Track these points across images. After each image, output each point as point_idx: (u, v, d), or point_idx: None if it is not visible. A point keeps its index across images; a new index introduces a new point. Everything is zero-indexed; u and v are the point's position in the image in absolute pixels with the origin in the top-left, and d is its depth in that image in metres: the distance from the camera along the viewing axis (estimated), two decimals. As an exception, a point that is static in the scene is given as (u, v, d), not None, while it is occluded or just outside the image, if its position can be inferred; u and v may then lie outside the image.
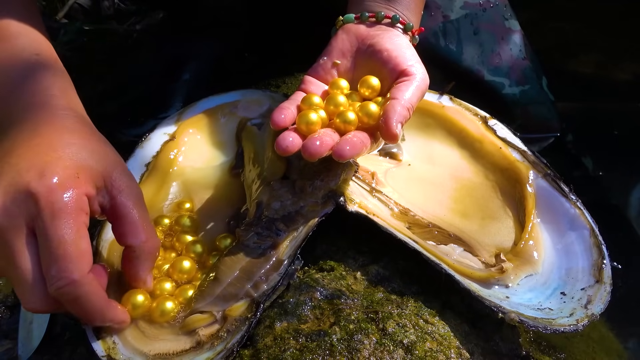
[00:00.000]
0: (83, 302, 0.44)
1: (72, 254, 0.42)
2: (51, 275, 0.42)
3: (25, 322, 0.59)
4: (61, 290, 0.42)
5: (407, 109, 0.53)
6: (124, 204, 0.48)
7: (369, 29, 0.61)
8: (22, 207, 0.43)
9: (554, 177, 0.63)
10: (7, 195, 0.43)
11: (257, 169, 0.62)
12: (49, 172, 0.44)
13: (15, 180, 0.43)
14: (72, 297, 0.43)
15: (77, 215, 0.44)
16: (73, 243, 0.43)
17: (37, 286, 0.43)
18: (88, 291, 0.43)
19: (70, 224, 0.43)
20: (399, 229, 0.57)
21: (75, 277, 0.42)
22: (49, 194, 0.43)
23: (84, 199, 0.45)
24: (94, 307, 0.45)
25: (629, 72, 1.11)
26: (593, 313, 0.52)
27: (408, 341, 0.48)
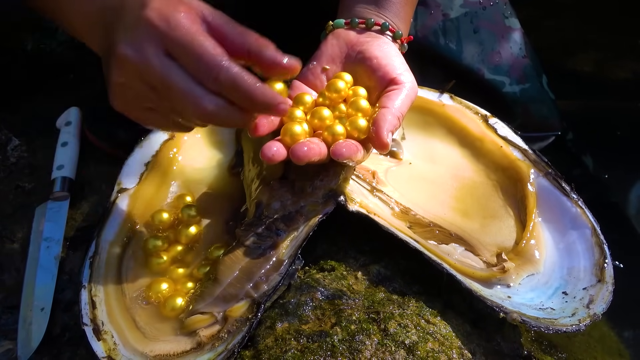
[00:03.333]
0: (241, 82, 0.46)
1: (209, 48, 0.45)
2: (202, 73, 0.45)
3: (25, 322, 0.59)
4: (219, 79, 0.45)
5: (397, 118, 0.54)
6: (221, 24, 0.48)
7: (359, 35, 0.61)
8: (149, 38, 0.46)
9: (555, 176, 0.63)
10: (132, 38, 0.46)
11: (256, 169, 0.62)
12: (153, 2, 0.47)
13: (131, 23, 0.47)
14: (231, 81, 0.45)
15: (193, 23, 0.47)
16: (204, 40, 0.46)
17: (198, 90, 0.46)
18: (240, 71, 0.46)
19: (190, 29, 0.46)
20: (400, 228, 0.56)
21: (224, 63, 0.45)
22: (160, 17, 0.46)
23: (190, 11, 0.47)
24: (251, 84, 0.46)
25: (628, 71, 1.11)
26: (595, 313, 0.52)
27: (410, 342, 0.48)
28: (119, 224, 0.60)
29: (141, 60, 0.46)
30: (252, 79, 0.46)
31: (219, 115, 0.47)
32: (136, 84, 0.47)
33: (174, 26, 0.46)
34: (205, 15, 0.48)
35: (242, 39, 0.48)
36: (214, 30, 0.48)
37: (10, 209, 0.72)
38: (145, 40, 0.46)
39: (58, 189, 0.70)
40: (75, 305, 0.59)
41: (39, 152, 0.78)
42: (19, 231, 0.69)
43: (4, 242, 0.68)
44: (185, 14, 0.47)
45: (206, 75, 0.45)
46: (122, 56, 0.46)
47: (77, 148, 0.75)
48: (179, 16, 0.46)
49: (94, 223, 0.66)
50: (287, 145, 0.52)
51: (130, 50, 0.46)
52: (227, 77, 0.45)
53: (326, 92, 0.57)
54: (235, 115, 0.47)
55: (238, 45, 0.48)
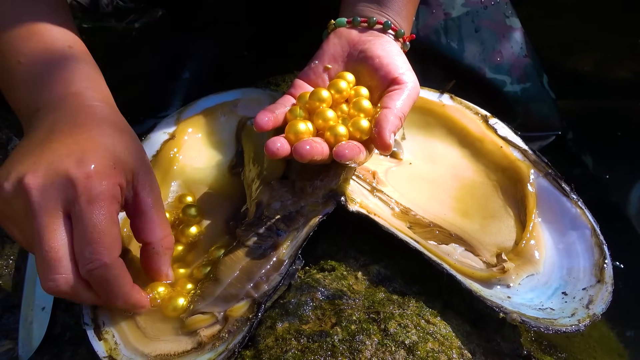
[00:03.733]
0: (111, 284, 0.46)
1: (105, 239, 0.45)
2: (84, 256, 0.44)
3: (25, 322, 0.59)
4: (93, 272, 0.44)
5: (399, 118, 0.54)
6: (146, 201, 0.50)
7: (361, 34, 0.61)
8: (60, 190, 0.45)
9: (554, 176, 0.63)
10: (46, 177, 0.45)
11: (257, 169, 0.62)
12: (87, 160, 0.46)
13: (55, 164, 0.45)
14: (102, 279, 0.45)
15: (111, 203, 0.46)
16: (107, 228, 0.45)
17: (63, 265, 0.44)
18: (117, 275, 0.46)
19: (105, 210, 0.45)
20: (400, 228, 0.57)
21: (107, 261, 0.45)
22: (86, 180, 0.45)
23: (117, 189, 0.47)
24: (121, 290, 0.47)
25: (629, 70, 1.11)
26: (595, 313, 0.52)
27: (410, 342, 0.48)
28: (120, 223, 0.60)
29: (40, 207, 0.44)
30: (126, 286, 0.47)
31: (67, 295, 0.45)
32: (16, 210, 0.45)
33: (94, 199, 0.44)
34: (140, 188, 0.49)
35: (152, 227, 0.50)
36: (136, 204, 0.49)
37: (11, 208, 0.72)
38: (58, 193, 0.44)
39: (59, 189, 0.70)
40: (75, 305, 0.59)
41: (39, 152, 0.78)
42: (19, 230, 0.69)
43: (5, 242, 0.68)
44: (112, 192, 0.46)
45: (83, 262, 0.44)
46: (24, 186, 0.44)
47: (77, 147, 0.75)
48: (106, 193, 0.45)
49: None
50: (291, 142, 0.53)
51: (35, 188, 0.44)
52: (100, 275, 0.45)
53: (329, 91, 0.57)
54: (86, 299, 0.47)
55: (145, 229, 0.50)
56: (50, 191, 0.44)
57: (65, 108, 0.50)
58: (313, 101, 0.56)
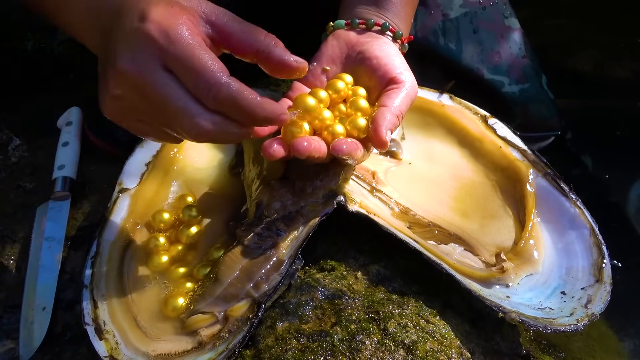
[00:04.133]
0: (241, 99, 0.45)
1: (207, 64, 0.44)
2: (201, 90, 0.44)
3: (26, 322, 0.59)
4: (219, 97, 0.44)
5: (396, 116, 0.54)
6: (224, 23, 0.48)
7: (359, 35, 0.61)
8: (147, 52, 0.45)
9: (554, 176, 0.63)
10: (130, 50, 0.45)
11: (256, 169, 0.62)
12: (149, 14, 0.45)
13: (129, 34, 0.46)
14: (231, 99, 0.45)
15: (193, 35, 0.46)
16: (202, 56, 0.45)
17: (194, 108, 0.45)
18: (240, 88, 0.45)
19: (190, 44, 0.45)
20: (400, 228, 0.57)
21: (224, 80, 0.44)
22: (159, 31, 0.45)
23: (189, 23, 0.46)
24: (252, 100, 0.45)
25: (628, 70, 1.11)
26: (593, 312, 0.53)
27: (409, 341, 0.48)
28: (120, 223, 0.60)
29: (140, 76, 0.45)
30: (252, 95, 0.45)
31: (215, 133, 0.46)
32: (132, 98, 0.47)
33: (174, 40, 0.45)
34: (208, 16, 0.48)
35: (249, 38, 0.48)
36: (218, 30, 0.48)
37: (12, 208, 0.72)
38: (144, 55, 0.45)
39: (59, 189, 0.70)
40: (76, 305, 0.60)
41: (40, 152, 0.78)
42: (20, 231, 0.69)
43: (5, 242, 0.68)
44: (186, 25, 0.46)
45: (205, 93, 0.44)
46: (121, 70, 0.45)
47: (78, 148, 0.75)
48: (179, 29, 0.45)
49: (95, 223, 0.66)
50: (288, 143, 0.52)
51: (129, 65, 0.45)
52: (226, 95, 0.44)
53: (327, 91, 0.57)
54: (232, 132, 0.46)
55: (245, 44, 0.48)
56: (140, 58, 0.45)
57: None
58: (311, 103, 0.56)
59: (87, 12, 0.51)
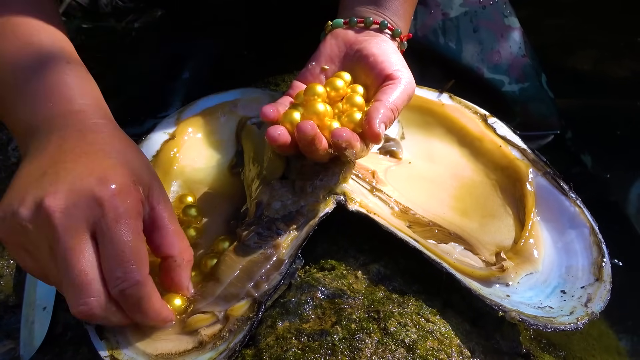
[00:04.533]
0: (144, 301, 0.45)
1: (136, 257, 0.44)
2: (116, 276, 0.43)
3: (27, 321, 0.59)
4: (126, 292, 0.43)
5: (390, 110, 0.54)
6: (162, 215, 0.49)
7: (357, 34, 0.62)
8: (85, 211, 0.43)
9: (553, 175, 0.63)
10: (69, 199, 0.43)
11: (256, 168, 0.62)
12: (109, 178, 0.44)
13: (77, 185, 0.44)
14: (135, 298, 0.44)
15: (137, 220, 0.45)
16: (136, 246, 0.44)
17: (94, 287, 0.43)
18: (149, 291, 0.45)
19: (132, 227, 0.44)
20: (400, 227, 0.57)
21: (140, 279, 0.44)
22: (111, 199, 0.44)
23: (140, 205, 0.46)
24: (152, 307, 0.46)
25: (627, 69, 1.11)
26: (593, 311, 0.53)
27: (409, 340, 0.48)
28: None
29: (64, 231, 0.42)
30: (158, 301, 0.46)
31: (98, 318, 0.44)
32: (36, 237, 0.44)
33: (119, 217, 0.43)
34: (154, 200, 0.48)
35: (173, 240, 0.48)
36: (154, 219, 0.48)
37: (12, 208, 0.72)
38: (81, 215, 0.43)
39: (59, 189, 0.70)
40: (77, 305, 0.60)
41: (40, 152, 0.78)
42: (20, 231, 0.69)
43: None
44: (135, 208, 0.45)
45: (116, 282, 0.43)
46: (46, 209, 0.42)
47: (78, 148, 0.75)
48: (128, 210, 0.44)
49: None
50: (288, 131, 0.53)
51: (59, 213, 0.42)
52: (136, 294, 0.44)
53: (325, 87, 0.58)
54: (114, 320, 0.46)
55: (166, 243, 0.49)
56: (75, 212, 0.43)
57: (70, 126, 0.49)
58: (308, 96, 0.56)
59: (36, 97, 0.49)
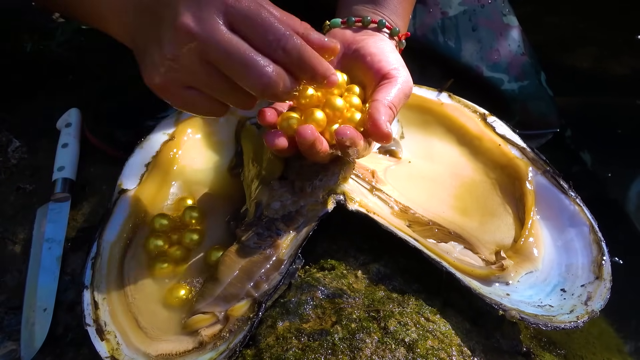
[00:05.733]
0: (304, 51, 0.48)
1: (275, 20, 0.47)
2: (270, 41, 0.46)
3: (27, 323, 0.59)
4: (287, 47, 0.47)
5: (389, 108, 0.54)
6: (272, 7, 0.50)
7: (355, 34, 0.61)
8: (215, 11, 0.46)
9: (553, 173, 0.63)
10: (194, 8, 0.45)
11: (256, 169, 0.62)
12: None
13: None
14: (297, 50, 0.47)
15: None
16: (272, 10, 0.47)
17: (262, 60, 0.46)
18: (302, 42, 0.48)
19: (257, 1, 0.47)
20: (400, 227, 0.57)
21: (288, 33, 0.47)
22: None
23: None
24: (314, 54, 0.49)
25: (627, 67, 1.11)
26: (593, 310, 0.53)
27: (409, 339, 0.48)
28: (120, 225, 0.60)
29: (205, 34, 0.45)
30: (313, 50, 0.48)
31: (278, 85, 0.47)
32: (191, 59, 0.46)
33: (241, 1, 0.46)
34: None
35: (290, 22, 0.49)
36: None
37: (12, 210, 0.72)
38: (211, 13, 0.45)
39: (59, 190, 0.70)
40: (77, 306, 0.60)
41: (39, 154, 0.78)
42: (20, 232, 0.70)
43: (6, 244, 0.69)
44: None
45: (275, 45, 0.46)
46: (184, 28, 0.45)
47: (77, 149, 0.76)
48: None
49: (95, 224, 0.66)
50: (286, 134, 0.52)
51: (194, 23, 0.45)
52: (294, 46, 0.47)
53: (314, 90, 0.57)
54: (290, 86, 0.48)
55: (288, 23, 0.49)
56: (207, 16, 0.45)
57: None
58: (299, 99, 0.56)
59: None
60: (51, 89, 0.87)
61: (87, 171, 0.75)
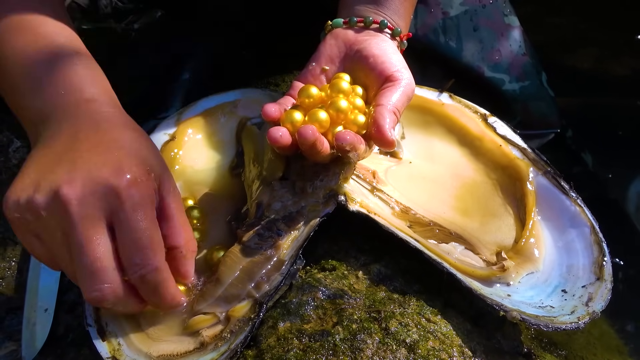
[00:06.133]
0: (161, 286, 0.47)
1: (153, 243, 0.45)
2: (135, 263, 0.44)
3: (28, 323, 0.59)
4: (145, 277, 0.45)
5: (393, 113, 0.54)
6: (171, 206, 0.49)
7: (357, 34, 0.61)
8: (102, 200, 0.44)
9: (554, 174, 0.63)
10: (85, 187, 0.44)
11: (257, 169, 0.62)
12: (125, 168, 0.45)
13: (93, 173, 0.45)
14: (153, 283, 0.46)
15: (152, 209, 0.46)
16: (152, 233, 0.45)
17: (109, 274, 0.44)
18: (167, 276, 0.47)
19: (148, 215, 0.45)
20: (400, 227, 0.57)
21: (158, 265, 0.45)
22: (127, 189, 0.45)
23: (154, 194, 0.47)
24: (169, 291, 0.48)
25: (627, 67, 1.11)
26: (594, 310, 0.53)
27: (411, 340, 0.48)
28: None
29: (80, 219, 0.43)
30: (173, 286, 0.48)
31: (112, 304, 0.45)
32: (51, 223, 0.44)
33: (136, 207, 0.44)
34: (164, 192, 0.48)
35: (178, 231, 0.49)
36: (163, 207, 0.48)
37: (13, 210, 0.72)
38: (98, 204, 0.44)
39: (60, 190, 0.70)
40: (78, 306, 0.60)
41: (40, 154, 0.78)
42: (21, 232, 0.69)
43: (7, 244, 0.68)
44: (150, 198, 0.46)
45: (135, 269, 0.44)
46: (62, 196, 0.43)
47: (78, 149, 0.75)
48: (145, 199, 0.45)
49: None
50: (289, 132, 0.53)
51: (76, 200, 0.43)
52: (154, 279, 0.45)
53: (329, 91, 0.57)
54: (130, 306, 0.47)
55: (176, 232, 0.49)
56: (91, 201, 0.44)
57: (83, 116, 0.49)
58: (302, 98, 0.56)
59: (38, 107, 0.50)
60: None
61: (88, 171, 0.75)
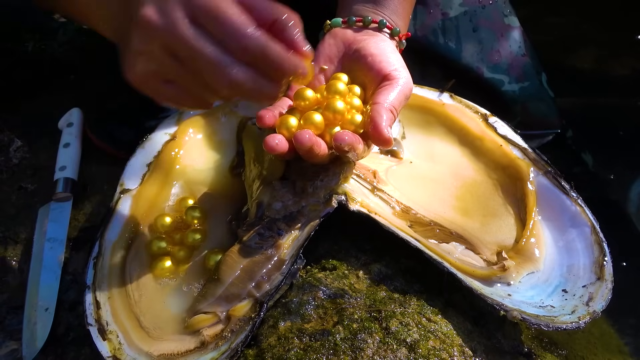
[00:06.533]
0: (270, 48, 0.45)
1: (237, 17, 0.44)
2: (231, 40, 0.44)
3: (29, 323, 0.59)
4: (248, 48, 0.44)
5: (390, 111, 0.53)
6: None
7: (356, 33, 0.61)
8: (180, 9, 0.44)
9: (554, 174, 0.63)
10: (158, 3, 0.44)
11: (257, 169, 0.62)
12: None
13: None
14: (260, 50, 0.45)
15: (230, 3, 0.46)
16: (231, 8, 0.45)
17: (228, 58, 0.44)
18: (267, 39, 0.45)
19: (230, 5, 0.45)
20: (401, 227, 0.57)
21: (252, 31, 0.44)
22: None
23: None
24: (280, 52, 0.46)
25: (628, 67, 1.11)
26: (595, 310, 0.53)
27: (411, 340, 0.48)
28: (122, 224, 0.60)
29: (167, 26, 0.44)
30: (279, 47, 0.45)
31: (246, 86, 0.45)
32: (159, 53, 0.45)
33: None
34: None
35: (268, 11, 0.47)
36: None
37: (14, 210, 0.72)
38: (171, 5, 0.44)
39: (61, 190, 0.70)
40: (79, 306, 0.60)
41: (41, 153, 0.78)
42: (22, 232, 0.70)
43: (8, 243, 0.69)
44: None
45: (234, 45, 0.44)
46: (146, 20, 0.44)
47: (79, 149, 0.76)
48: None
49: (97, 224, 0.67)
50: (285, 138, 0.52)
51: (155, 14, 0.44)
52: (255, 46, 0.44)
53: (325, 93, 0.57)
54: (264, 86, 0.46)
55: (264, 17, 0.47)
56: (170, 8, 0.44)
57: None
58: (297, 101, 0.56)
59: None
60: (53, 88, 0.87)
61: (88, 171, 0.75)
